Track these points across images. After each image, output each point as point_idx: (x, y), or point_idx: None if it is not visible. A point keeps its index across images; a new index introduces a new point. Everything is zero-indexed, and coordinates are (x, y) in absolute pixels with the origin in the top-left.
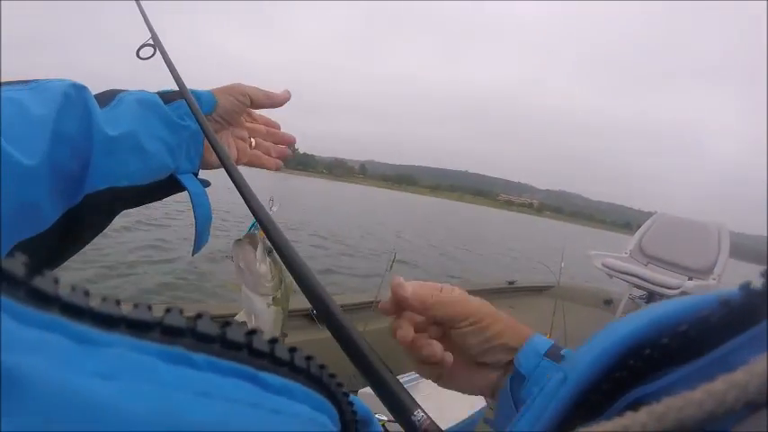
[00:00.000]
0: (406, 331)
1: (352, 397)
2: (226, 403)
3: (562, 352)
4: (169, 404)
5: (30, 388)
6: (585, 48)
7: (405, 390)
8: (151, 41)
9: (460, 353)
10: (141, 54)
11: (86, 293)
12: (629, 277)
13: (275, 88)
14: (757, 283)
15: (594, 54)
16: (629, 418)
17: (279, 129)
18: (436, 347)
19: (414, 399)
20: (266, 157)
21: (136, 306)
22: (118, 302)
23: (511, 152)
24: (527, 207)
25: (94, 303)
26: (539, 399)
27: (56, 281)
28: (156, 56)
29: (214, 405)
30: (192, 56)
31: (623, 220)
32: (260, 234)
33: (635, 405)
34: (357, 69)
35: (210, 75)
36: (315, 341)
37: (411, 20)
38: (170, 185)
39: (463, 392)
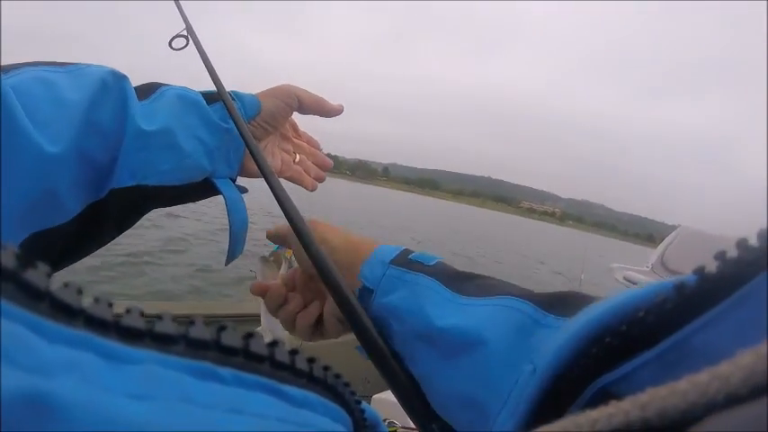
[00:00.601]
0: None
1: (363, 404)
2: (256, 419)
3: (411, 256)
4: (204, 424)
5: (66, 412)
6: (616, 53)
7: (426, 396)
8: (185, 32)
9: (308, 281)
10: (174, 45)
11: (110, 305)
12: None
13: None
14: (712, 266)
15: (625, 60)
16: (614, 407)
17: (320, 149)
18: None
19: (428, 401)
20: (306, 175)
21: (159, 317)
22: (142, 314)
23: (535, 159)
24: (549, 215)
25: (119, 316)
26: (513, 393)
27: (79, 291)
28: (189, 48)
29: (246, 422)
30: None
31: (646, 233)
32: (287, 253)
33: (601, 393)
34: (382, 69)
35: (233, 74)
36: (329, 345)
37: (439, 21)
38: (204, 188)
39: (336, 333)
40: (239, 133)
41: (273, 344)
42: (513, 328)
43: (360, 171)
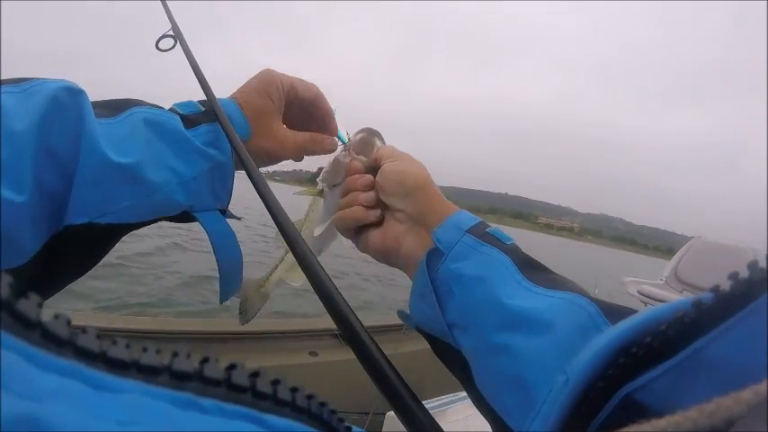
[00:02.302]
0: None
1: (354, 429)
2: None
3: (488, 230)
4: None
5: None
6: (627, 64)
7: (430, 416)
8: (171, 32)
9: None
10: (161, 46)
11: (98, 336)
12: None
13: None
14: (726, 285)
15: (637, 70)
16: (680, 416)
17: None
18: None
19: (439, 426)
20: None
21: (145, 350)
22: (128, 345)
23: (551, 174)
24: (567, 230)
25: (106, 347)
26: (547, 401)
27: (68, 322)
28: (176, 49)
29: None
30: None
31: (667, 246)
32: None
33: (626, 400)
34: (394, 88)
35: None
36: (343, 362)
37: (450, 37)
38: (185, 216)
39: (374, 251)
40: (236, 155)
41: (255, 374)
42: (577, 326)
43: None
